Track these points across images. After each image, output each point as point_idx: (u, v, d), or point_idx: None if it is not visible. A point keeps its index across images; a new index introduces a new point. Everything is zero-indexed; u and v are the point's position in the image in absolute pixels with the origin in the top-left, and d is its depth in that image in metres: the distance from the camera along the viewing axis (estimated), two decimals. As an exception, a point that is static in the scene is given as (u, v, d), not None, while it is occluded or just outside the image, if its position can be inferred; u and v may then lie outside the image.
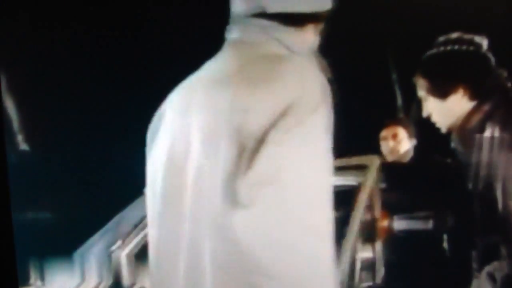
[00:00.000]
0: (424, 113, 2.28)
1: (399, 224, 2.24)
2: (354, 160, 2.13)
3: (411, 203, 2.25)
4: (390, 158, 2.30)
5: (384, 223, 2.24)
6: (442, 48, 2.17)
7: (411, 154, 2.32)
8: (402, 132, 2.31)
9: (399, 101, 2.25)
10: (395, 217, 2.25)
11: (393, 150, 2.29)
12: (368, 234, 2.22)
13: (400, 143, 2.32)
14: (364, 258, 2.24)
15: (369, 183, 2.08)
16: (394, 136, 2.30)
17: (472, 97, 2.20)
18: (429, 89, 2.21)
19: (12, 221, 2.00)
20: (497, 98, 2.18)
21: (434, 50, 2.18)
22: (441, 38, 2.16)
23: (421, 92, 2.25)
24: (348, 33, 2.11)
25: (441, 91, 2.21)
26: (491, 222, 2.15)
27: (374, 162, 2.13)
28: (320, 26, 1.70)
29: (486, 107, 2.18)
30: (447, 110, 2.22)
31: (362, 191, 2.07)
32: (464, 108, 2.23)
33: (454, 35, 2.15)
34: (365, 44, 2.17)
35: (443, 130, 2.29)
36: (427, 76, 2.20)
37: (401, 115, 2.27)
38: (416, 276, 2.21)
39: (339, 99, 1.85)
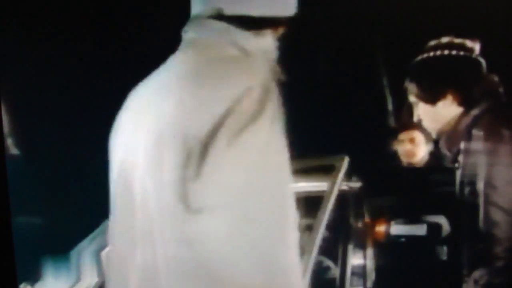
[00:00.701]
0: (415, 118, 2.25)
1: (395, 229, 2.23)
2: (322, 161, 2.11)
3: (407, 208, 2.24)
4: (406, 161, 2.29)
5: (381, 228, 2.23)
6: (432, 53, 2.15)
7: (426, 158, 2.30)
8: (419, 136, 2.30)
9: (390, 105, 2.24)
10: (392, 222, 2.24)
11: (410, 154, 2.28)
12: (359, 239, 2.22)
13: (418, 147, 2.31)
14: (355, 263, 2.24)
15: (337, 185, 2.06)
16: (412, 140, 2.29)
17: (461, 102, 2.18)
18: (418, 94, 2.19)
19: (12, 221, 2.04)
20: (487, 103, 2.14)
21: (424, 55, 2.16)
22: (432, 43, 2.13)
23: (411, 97, 2.23)
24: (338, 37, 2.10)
25: (430, 97, 2.20)
26: (476, 227, 2.11)
27: (342, 162, 2.10)
28: (280, 31, 1.68)
29: (474, 112, 2.15)
30: (436, 115, 2.20)
31: (330, 192, 2.05)
32: (453, 113, 2.21)
33: (445, 39, 2.11)
34: (355, 47, 2.16)
35: (433, 135, 2.26)
36: (416, 81, 2.18)
37: (391, 119, 2.25)
38: (406, 281, 2.19)
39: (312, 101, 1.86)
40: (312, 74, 2.09)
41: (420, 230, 2.21)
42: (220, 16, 1.60)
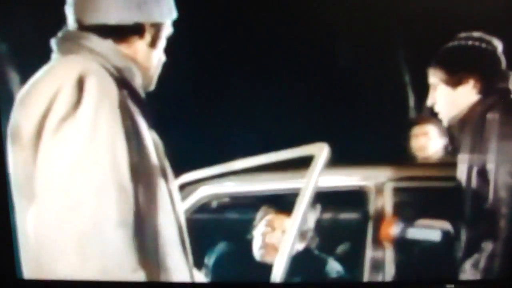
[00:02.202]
0: (429, 102, 2.35)
1: (403, 232, 2.30)
2: (300, 151, 2.11)
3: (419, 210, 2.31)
4: (419, 155, 2.34)
5: (389, 229, 2.28)
6: (463, 42, 2.28)
7: (440, 152, 2.39)
8: (433, 130, 2.37)
9: (411, 100, 2.31)
10: (400, 224, 2.30)
11: (423, 148, 2.34)
12: (377, 234, 2.26)
13: (431, 140, 2.37)
14: (374, 257, 2.27)
15: (316, 174, 2.05)
16: (425, 134, 2.35)
17: (479, 90, 2.32)
18: (442, 77, 2.31)
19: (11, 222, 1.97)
20: (500, 95, 2.30)
21: (455, 43, 2.29)
22: (463, 34, 2.26)
23: (433, 80, 2.33)
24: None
25: (454, 80, 2.31)
26: (480, 213, 2.23)
27: (321, 151, 2.09)
28: (150, 37, 1.75)
29: (489, 101, 2.29)
30: (454, 99, 2.30)
31: (309, 182, 2.05)
32: (469, 100, 2.32)
33: (476, 33, 2.26)
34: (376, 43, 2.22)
35: (445, 121, 2.36)
36: (444, 64, 2.30)
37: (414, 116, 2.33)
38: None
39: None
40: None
41: (434, 235, 2.30)
42: (81, 26, 1.70)
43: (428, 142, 2.34)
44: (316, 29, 2.21)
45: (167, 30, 1.83)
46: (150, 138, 1.75)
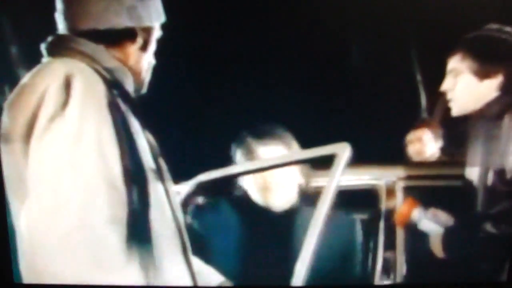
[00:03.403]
0: (444, 87, 2.32)
1: (420, 220, 2.28)
2: (322, 150, 2.13)
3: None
4: (416, 159, 2.34)
5: (409, 212, 2.26)
6: (497, 34, 2.24)
7: (437, 155, 2.38)
8: (427, 134, 2.36)
9: (423, 101, 2.30)
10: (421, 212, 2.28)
11: (419, 152, 2.34)
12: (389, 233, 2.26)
13: (426, 145, 2.36)
14: (385, 256, 2.26)
15: (339, 173, 2.06)
16: (419, 139, 2.34)
17: (504, 87, 2.28)
18: (471, 65, 2.26)
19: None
20: None
21: (488, 32, 2.25)
22: (494, 26, 2.23)
23: (458, 65, 2.29)
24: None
25: (483, 71, 2.27)
26: (491, 213, 2.23)
27: (344, 150, 2.11)
28: (141, 40, 1.80)
29: (509, 99, 2.26)
30: (475, 91, 2.28)
31: (331, 181, 2.05)
32: (491, 95, 2.28)
33: (508, 28, 2.23)
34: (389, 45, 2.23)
35: (455, 111, 2.34)
36: (476, 53, 2.26)
37: (425, 116, 2.32)
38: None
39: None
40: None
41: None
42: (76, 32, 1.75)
43: (423, 147, 2.35)
44: (328, 31, 2.20)
45: (157, 33, 1.86)
46: (144, 138, 1.76)
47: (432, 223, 2.30)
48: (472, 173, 2.31)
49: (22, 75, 1.76)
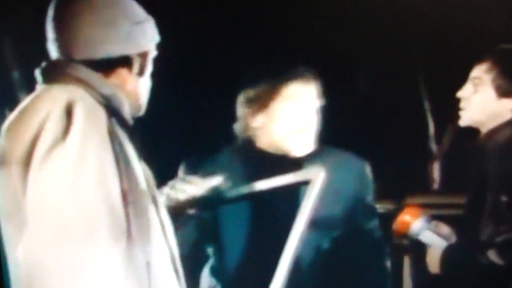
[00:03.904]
0: (461, 93, 2.19)
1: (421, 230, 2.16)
2: (297, 176, 2.05)
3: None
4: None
5: (411, 220, 2.16)
6: None
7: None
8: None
9: (431, 129, 2.23)
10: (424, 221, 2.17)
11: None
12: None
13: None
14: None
15: (312, 199, 1.99)
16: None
17: None
18: (495, 80, 2.16)
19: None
20: None
21: None
22: None
23: (481, 76, 2.13)
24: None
25: (505, 89, 2.11)
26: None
27: (318, 175, 2.01)
28: (138, 66, 1.70)
29: None
30: (490, 107, 2.15)
31: (305, 207, 1.97)
32: (504, 116, 2.13)
33: None
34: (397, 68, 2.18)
35: (464, 121, 2.23)
36: (505, 67, 2.10)
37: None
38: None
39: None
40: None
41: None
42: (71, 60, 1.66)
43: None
44: (337, 57, 2.18)
45: (153, 54, 1.77)
46: (139, 166, 1.70)
47: (435, 235, 2.16)
48: (479, 199, 2.21)
49: (22, 98, 1.68)
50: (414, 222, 2.13)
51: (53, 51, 1.69)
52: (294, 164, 2.14)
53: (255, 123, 2.18)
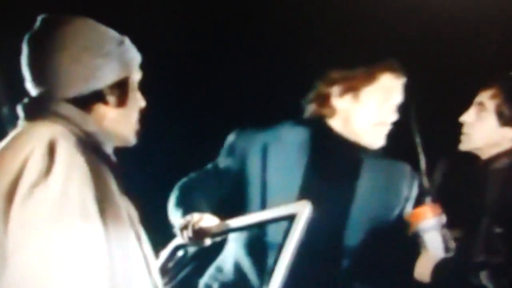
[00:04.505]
0: (464, 117, 2.24)
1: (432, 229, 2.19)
2: (283, 210, 2.10)
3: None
4: None
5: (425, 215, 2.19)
6: None
7: None
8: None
9: (422, 163, 2.23)
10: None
11: None
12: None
13: None
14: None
15: (298, 232, 2.02)
16: None
17: None
18: (498, 107, 2.20)
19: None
20: None
21: None
22: None
23: (486, 101, 2.23)
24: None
25: (508, 118, 2.21)
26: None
27: (304, 209, 2.05)
28: (114, 98, 1.73)
29: None
30: (491, 135, 2.22)
31: (291, 240, 2.02)
32: (503, 145, 2.24)
33: None
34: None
35: (465, 146, 2.27)
36: (510, 98, 2.20)
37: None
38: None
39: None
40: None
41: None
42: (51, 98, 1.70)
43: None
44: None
45: (136, 77, 1.78)
46: (123, 202, 1.73)
47: (440, 240, 2.17)
48: (474, 225, 2.19)
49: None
50: (430, 218, 2.16)
51: (31, 91, 1.73)
52: (361, 153, 2.28)
53: (341, 104, 2.27)
